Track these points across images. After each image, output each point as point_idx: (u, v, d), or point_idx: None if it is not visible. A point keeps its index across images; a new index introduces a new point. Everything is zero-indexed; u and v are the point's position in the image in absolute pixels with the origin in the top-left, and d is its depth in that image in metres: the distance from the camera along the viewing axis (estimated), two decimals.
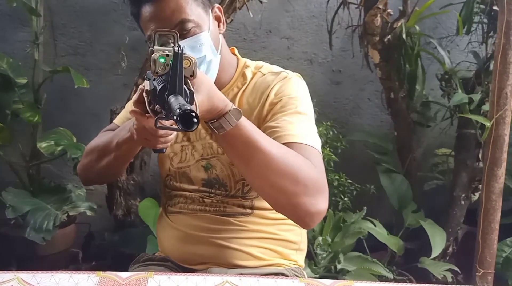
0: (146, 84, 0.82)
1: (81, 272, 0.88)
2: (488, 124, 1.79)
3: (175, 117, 0.64)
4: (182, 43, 0.97)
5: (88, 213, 2.08)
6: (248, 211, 1.07)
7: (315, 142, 0.97)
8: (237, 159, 0.90)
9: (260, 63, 1.13)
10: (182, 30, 0.98)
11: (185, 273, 0.90)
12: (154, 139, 0.91)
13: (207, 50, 1.01)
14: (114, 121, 1.23)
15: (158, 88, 0.73)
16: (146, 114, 0.82)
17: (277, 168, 0.86)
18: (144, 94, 0.81)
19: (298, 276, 1.08)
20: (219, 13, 1.08)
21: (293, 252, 1.13)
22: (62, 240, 2.22)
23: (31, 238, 1.87)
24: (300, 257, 1.16)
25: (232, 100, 1.05)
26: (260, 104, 1.03)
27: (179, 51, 0.69)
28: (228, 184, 1.07)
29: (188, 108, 0.64)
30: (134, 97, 0.84)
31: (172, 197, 1.15)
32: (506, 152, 1.78)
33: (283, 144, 0.93)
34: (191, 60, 0.75)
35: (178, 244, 1.11)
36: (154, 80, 0.77)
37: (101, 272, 0.88)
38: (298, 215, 0.91)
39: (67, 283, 0.83)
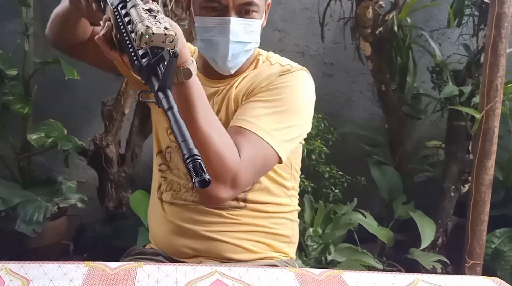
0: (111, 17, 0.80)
1: (70, 262, 0.88)
2: (478, 116, 1.80)
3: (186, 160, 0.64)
4: (237, 20, 0.98)
5: (79, 205, 2.07)
6: (242, 204, 1.07)
7: (270, 136, 0.96)
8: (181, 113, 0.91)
9: (272, 53, 1.13)
10: (245, 8, 0.99)
11: (175, 263, 0.90)
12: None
13: (254, 38, 1.03)
14: None
15: (143, 64, 0.72)
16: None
17: (199, 141, 0.84)
18: (113, 33, 0.80)
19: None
20: (267, 9, 1.08)
21: (284, 245, 1.13)
22: (53, 232, 2.21)
23: (21, 230, 1.86)
24: (291, 250, 1.17)
25: (238, 84, 1.05)
26: (254, 91, 1.03)
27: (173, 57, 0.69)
28: None
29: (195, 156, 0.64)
30: (102, 32, 0.81)
31: (167, 182, 1.12)
32: (495, 144, 1.79)
33: (233, 126, 0.96)
34: (174, 37, 0.72)
35: (170, 236, 1.10)
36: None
37: (90, 262, 0.87)
38: (199, 191, 0.96)
39: (55, 273, 0.82)
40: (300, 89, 1.04)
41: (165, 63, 0.70)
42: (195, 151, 0.68)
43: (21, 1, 2.05)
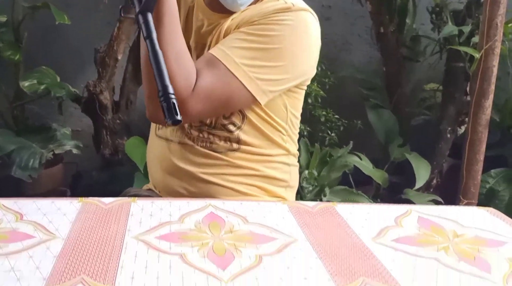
0: None
1: (63, 198, 0.88)
2: (477, 55, 1.77)
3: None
4: None
5: (74, 151, 2.07)
6: (235, 146, 1.06)
7: (240, 70, 0.92)
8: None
9: None
10: None
11: (169, 198, 0.90)
12: None
13: None
14: None
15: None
16: None
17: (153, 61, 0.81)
18: None
19: None
20: None
21: (281, 190, 1.12)
22: (50, 179, 2.22)
23: (17, 176, 1.87)
24: (289, 194, 1.15)
25: (235, 17, 1.00)
26: (246, 23, 0.98)
27: None
28: None
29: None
30: None
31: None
32: (494, 84, 1.77)
33: (207, 53, 0.93)
34: None
35: (166, 176, 1.09)
36: None
37: (83, 198, 0.87)
38: (147, 107, 0.95)
39: (49, 208, 0.82)
40: (298, 30, 0.97)
41: None
42: (170, 89, 0.68)
43: None
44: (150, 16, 0.68)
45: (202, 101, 0.91)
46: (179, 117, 0.67)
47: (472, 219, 0.83)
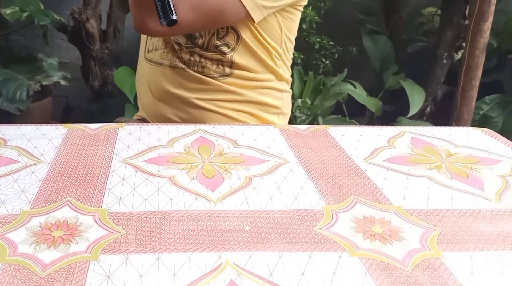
0: None
1: (48, 124, 0.85)
2: None
3: None
4: None
5: (63, 82, 2.02)
6: (228, 71, 1.02)
7: None
8: None
9: None
10: None
11: (157, 123, 0.88)
12: None
13: None
14: None
15: None
16: None
17: None
18: None
19: None
20: None
21: (274, 117, 1.10)
22: (40, 113, 2.19)
23: (4, 108, 1.83)
24: (282, 121, 1.14)
25: None
26: None
27: None
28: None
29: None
30: None
31: (156, 38, 1.05)
32: (494, 6, 1.70)
33: None
34: None
35: (155, 102, 1.06)
36: None
37: (69, 124, 0.85)
38: (132, 16, 0.91)
39: (33, 134, 0.80)
40: None
41: None
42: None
43: None
44: None
45: (194, 10, 0.87)
46: (174, 17, 0.63)
47: (466, 139, 0.81)
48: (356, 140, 0.80)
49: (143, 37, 1.09)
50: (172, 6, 0.63)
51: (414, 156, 0.74)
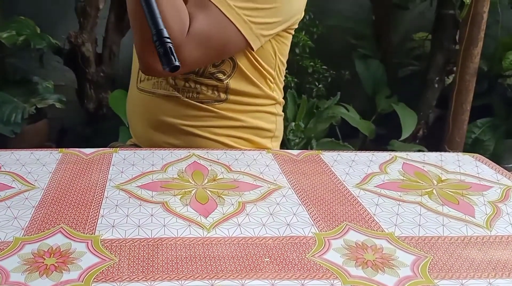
0: None
1: (43, 149, 0.86)
2: (467, 1, 1.72)
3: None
4: None
5: (58, 105, 2.03)
6: (223, 96, 1.02)
7: (235, 13, 0.88)
8: None
9: None
10: None
11: (151, 148, 0.88)
12: None
13: None
14: None
15: None
16: None
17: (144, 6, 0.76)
18: None
19: None
20: None
21: (267, 141, 1.11)
22: (35, 135, 2.19)
23: None
24: (275, 144, 1.15)
25: None
26: None
27: None
28: None
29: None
30: None
31: None
32: (483, 31, 1.74)
33: None
34: None
35: (149, 130, 1.06)
36: None
37: (63, 149, 0.85)
38: (139, 59, 0.90)
39: (28, 159, 0.80)
40: None
41: None
42: (165, 33, 0.64)
43: None
44: None
45: (198, 47, 0.87)
46: (177, 63, 0.63)
47: (457, 165, 0.82)
48: (348, 165, 0.81)
49: (135, 67, 1.09)
50: (174, 52, 0.63)
51: (406, 182, 0.75)
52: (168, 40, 0.64)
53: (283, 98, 1.18)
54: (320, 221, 0.62)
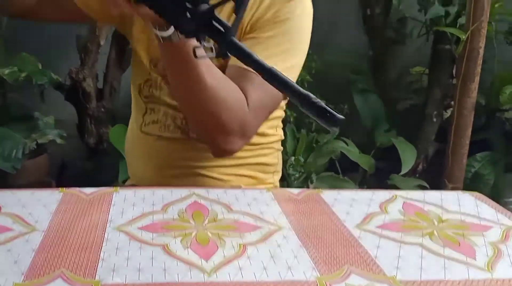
0: None
1: (44, 189, 0.86)
2: (463, 36, 1.75)
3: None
4: None
5: (58, 141, 2.04)
6: None
7: None
8: (169, 70, 0.85)
9: None
10: None
11: (152, 187, 0.89)
12: None
13: None
14: None
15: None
16: None
17: (206, 98, 0.81)
18: None
19: None
20: None
21: (270, 176, 1.11)
22: (34, 170, 2.19)
23: (0, 167, 1.83)
24: (276, 178, 1.15)
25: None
26: (259, 22, 0.93)
27: None
28: None
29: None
30: None
31: (150, 111, 1.03)
32: (480, 66, 1.76)
33: (236, 67, 0.87)
34: None
35: (154, 173, 1.04)
36: None
37: (64, 188, 0.85)
38: (211, 145, 0.92)
39: (29, 200, 0.80)
40: (305, 21, 0.96)
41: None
42: (312, 95, 0.56)
43: None
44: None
45: (259, 118, 0.91)
46: (339, 115, 0.55)
47: (457, 204, 0.83)
48: (349, 204, 0.81)
49: (138, 110, 1.07)
50: (327, 107, 0.54)
51: (407, 222, 0.75)
52: (318, 100, 0.56)
53: (283, 133, 1.19)
54: (322, 264, 0.62)
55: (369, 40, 2.30)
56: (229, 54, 0.59)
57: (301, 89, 0.56)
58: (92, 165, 2.16)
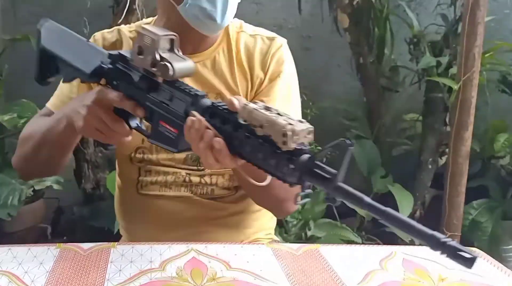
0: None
1: (40, 244, 0.85)
2: (455, 86, 1.79)
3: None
4: None
5: (55, 187, 2.03)
6: (233, 192, 1.01)
7: None
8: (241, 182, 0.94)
9: (237, 21, 1.02)
10: None
11: (149, 243, 0.88)
12: (112, 134, 0.78)
13: None
14: (47, 105, 1.08)
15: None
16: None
17: (265, 192, 0.77)
18: None
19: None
20: None
21: (267, 220, 1.10)
22: (31, 216, 2.17)
23: None
24: (273, 223, 1.14)
25: (219, 66, 0.97)
26: (255, 73, 0.97)
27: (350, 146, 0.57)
28: None
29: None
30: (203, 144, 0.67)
31: (146, 173, 1.01)
32: (473, 115, 1.78)
33: None
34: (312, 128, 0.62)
35: (156, 232, 1.00)
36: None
37: (61, 244, 0.85)
38: (277, 212, 1.01)
39: (25, 256, 0.80)
40: (291, 61, 1.03)
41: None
42: (441, 235, 0.52)
43: None
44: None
45: None
46: (474, 254, 0.50)
47: None
48: (348, 261, 0.81)
49: (129, 174, 1.03)
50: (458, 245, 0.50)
51: (407, 280, 0.74)
52: (450, 239, 0.51)
53: None
54: None
55: (363, 88, 2.34)
56: None
57: (426, 229, 0.53)
58: (88, 210, 2.14)
